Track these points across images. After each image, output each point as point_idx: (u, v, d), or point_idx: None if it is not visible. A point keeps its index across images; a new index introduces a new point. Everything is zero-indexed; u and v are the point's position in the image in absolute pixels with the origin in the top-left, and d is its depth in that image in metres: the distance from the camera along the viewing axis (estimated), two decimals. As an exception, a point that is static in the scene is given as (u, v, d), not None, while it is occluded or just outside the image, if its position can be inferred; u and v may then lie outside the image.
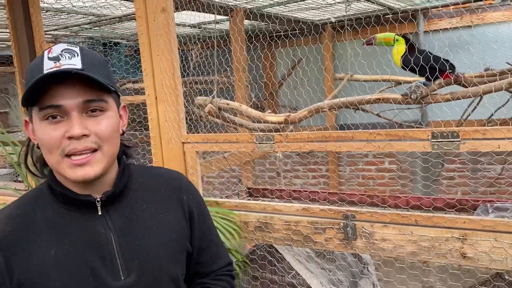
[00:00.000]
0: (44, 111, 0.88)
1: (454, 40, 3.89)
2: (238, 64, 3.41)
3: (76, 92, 0.89)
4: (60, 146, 0.89)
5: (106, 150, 0.93)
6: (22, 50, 2.47)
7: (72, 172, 0.90)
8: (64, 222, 0.94)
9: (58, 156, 0.89)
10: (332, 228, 1.57)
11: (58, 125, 0.89)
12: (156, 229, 1.01)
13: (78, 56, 0.90)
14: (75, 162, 0.89)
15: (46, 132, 0.89)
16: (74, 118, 0.88)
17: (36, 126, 0.91)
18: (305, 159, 4.96)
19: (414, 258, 1.46)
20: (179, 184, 1.10)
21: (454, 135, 1.37)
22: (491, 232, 1.33)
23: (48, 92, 0.87)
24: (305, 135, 1.65)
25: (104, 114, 0.93)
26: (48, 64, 0.88)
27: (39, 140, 0.91)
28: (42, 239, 0.92)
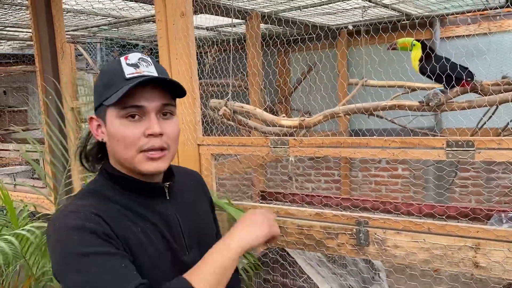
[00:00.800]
0: (127, 110, 0.99)
1: (470, 47, 3.87)
2: (254, 68, 3.44)
3: (156, 95, 1.01)
4: (138, 143, 1.00)
5: (172, 150, 1.06)
6: (44, 50, 2.53)
7: (146, 165, 1.01)
8: (136, 207, 1.05)
9: (133, 152, 1.00)
10: (345, 233, 1.58)
11: (137, 124, 1.00)
12: (200, 213, 1.18)
13: (152, 65, 1.04)
14: (151, 156, 1.01)
15: (126, 129, 0.99)
16: (153, 118, 1.00)
17: (112, 123, 1.01)
18: (317, 164, 4.96)
19: (426, 266, 1.47)
20: (200, 179, 1.30)
21: (469, 144, 1.37)
22: (505, 242, 1.32)
23: (132, 93, 0.98)
24: (319, 140, 1.67)
25: (172, 118, 1.06)
26: (129, 70, 1.00)
27: (115, 136, 1.01)
28: (127, 220, 1.01)
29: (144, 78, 0.98)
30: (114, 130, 1.01)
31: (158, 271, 1.02)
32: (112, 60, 1.05)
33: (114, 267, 0.89)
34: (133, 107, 0.99)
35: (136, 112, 1.00)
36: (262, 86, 3.69)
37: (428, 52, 1.79)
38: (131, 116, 0.99)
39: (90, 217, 0.95)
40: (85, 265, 0.88)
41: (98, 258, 0.89)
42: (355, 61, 4.53)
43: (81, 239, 0.91)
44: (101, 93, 1.02)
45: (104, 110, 1.02)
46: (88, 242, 0.91)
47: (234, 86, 3.92)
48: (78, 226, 0.92)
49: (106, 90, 1.00)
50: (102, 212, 0.98)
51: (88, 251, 0.90)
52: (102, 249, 0.91)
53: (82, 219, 0.94)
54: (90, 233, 0.92)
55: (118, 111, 0.99)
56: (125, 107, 0.99)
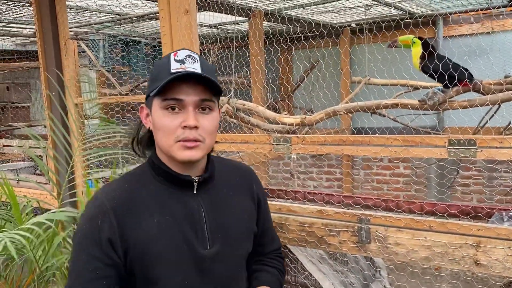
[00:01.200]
0: (168, 101, 1.08)
1: (473, 46, 3.86)
2: (256, 65, 3.44)
3: (196, 91, 1.08)
4: (175, 133, 1.08)
5: (207, 143, 1.12)
6: (47, 46, 2.53)
7: (181, 153, 1.09)
8: (164, 196, 1.13)
9: (171, 141, 1.08)
10: (347, 231, 1.59)
11: (176, 116, 1.08)
12: (234, 210, 1.21)
13: (198, 62, 1.11)
14: (186, 145, 1.08)
15: (166, 119, 1.08)
16: (190, 112, 1.08)
17: (155, 113, 1.11)
18: (319, 161, 4.96)
19: (428, 263, 1.47)
20: (250, 174, 1.33)
21: (471, 143, 1.37)
22: (506, 241, 1.33)
23: (174, 87, 1.07)
24: (321, 138, 1.68)
25: (211, 113, 1.12)
26: (175, 65, 1.08)
27: (157, 125, 1.10)
28: (148, 209, 1.10)
29: (183, 73, 1.06)
30: (156, 119, 1.10)
31: (170, 262, 1.08)
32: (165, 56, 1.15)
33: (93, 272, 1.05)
34: (173, 99, 1.07)
35: (176, 104, 1.08)
36: (264, 84, 3.69)
37: (431, 50, 1.80)
38: (171, 107, 1.08)
39: (105, 212, 1.07)
40: (79, 255, 1.07)
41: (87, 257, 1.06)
42: (358, 59, 4.53)
43: (86, 232, 1.08)
44: (150, 84, 1.14)
45: (151, 101, 1.12)
46: (89, 238, 1.07)
47: (237, 83, 3.93)
48: (92, 218, 1.08)
49: (154, 82, 1.10)
50: (122, 203, 1.09)
51: (84, 247, 1.07)
52: (93, 251, 1.06)
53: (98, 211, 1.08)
54: (95, 230, 1.06)
55: (160, 102, 1.09)
56: (166, 99, 1.07)
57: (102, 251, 1.05)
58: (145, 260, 1.07)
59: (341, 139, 1.63)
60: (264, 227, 1.33)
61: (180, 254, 1.09)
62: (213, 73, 1.15)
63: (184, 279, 1.09)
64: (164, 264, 1.08)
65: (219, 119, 1.19)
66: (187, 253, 1.10)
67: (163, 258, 1.08)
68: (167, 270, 1.08)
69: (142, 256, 1.07)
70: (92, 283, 1.05)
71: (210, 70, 1.13)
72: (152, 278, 1.08)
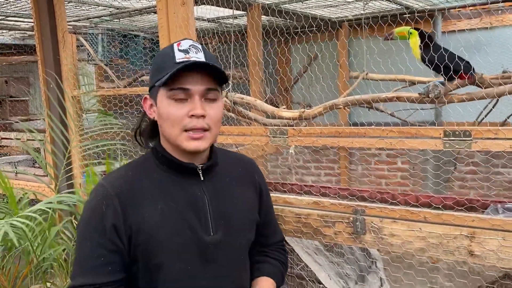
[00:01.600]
0: (174, 91, 1.08)
1: (472, 41, 3.86)
2: (254, 58, 3.44)
3: (201, 80, 1.09)
4: (182, 122, 1.09)
5: (213, 132, 1.14)
6: (45, 39, 2.53)
7: (188, 144, 1.10)
8: (167, 184, 1.14)
9: (178, 130, 1.10)
10: (342, 222, 1.59)
11: (183, 105, 1.09)
12: (237, 199, 1.23)
13: (201, 52, 1.12)
14: (193, 136, 1.10)
15: (172, 109, 1.09)
16: (197, 101, 1.09)
17: (161, 103, 1.11)
18: (317, 157, 4.97)
19: (422, 254, 1.48)
20: (252, 166, 1.35)
21: (466, 134, 1.38)
22: (500, 231, 1.34)
23: (179, 77, 1.07)
24: (318, 130, 1.68)
25: (216, 102, 1.13)
26: (179, 55, 1.09)
27: (163, 115, 1.11)
28: (151, 196, 1.12)
29: (189, 62, 1.07)
30: (162, 109, 1.10)
31: (173, 249, 1.10)
32: (167, 46, 1.16)
33: (97, 259, 1.06)
34: (180, 89, 1.08)
35: (182, 94, 1.09)
36: (263, 78, 3.69)
37: (427, 41, 1.80)
38: (179, 97, 1.09)
39: (109, 199, 1.08)
40: (83, 243, 1.09)
41: (91, 244, 1.07)
42: (356, 53, 4.53)
43: (90, 221, 1.09)
44: (154, 75, 1.13)
45: (156, 91, 1.12)
46: (93, 226, 1.08)
47: (235, 77, 3.93)
48: (95, 207, 1.09)
49: (158, 73, 1.10)
50: (126, 191, 1.10)
51: (88, 235, 1.08)
52: (97, 239, 1.07)
53: (102, 199, 1.09)
54: (99, 218, 1.07)
55: (166, 92, 1.09)
56: (173, 88, 1.08)
57: (106, 238, 1.07)
58: (148, 247, 1.08)
59: (337, 131, 1.64)
60: (266, 218, 1.34)
61: (183, 241, 1.11)
62: (217, 61, 1.15)
63: (187, 266, 1.11)
64: (167, 252, 1.09)
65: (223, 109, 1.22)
66: (190, 240, 1.11)
67: (166, 245, 1.09)
68: (170, 257, 1.10)
69: (145, 243, 1.08)
70: (96, 270, 1.06)
71: (214, 59, 1.14)
72: (155, 265, 1.09)
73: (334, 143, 1.65)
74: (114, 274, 1.07)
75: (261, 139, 1.86)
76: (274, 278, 1.30)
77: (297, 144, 1.75)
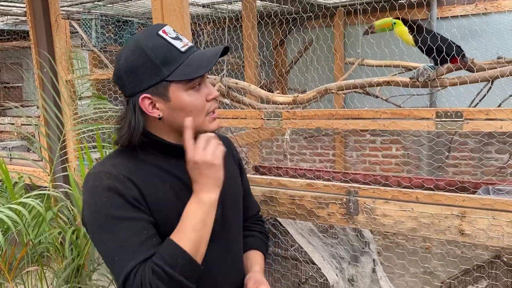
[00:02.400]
0: (194, 81, 1.06)
1: (467, 28, 3.87)
2: (249, 41, 3.43)
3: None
4: (205, 107, 1.10)
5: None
6: (38, 22, 2.51)
7: (212, 125, 1.12)
8: (166, 166, 1.12)
9: (203, 116, 1.10)
10: (335, 203, 1.61)
11: (199, 91, 1.09)
12: (229, 174, 1.20)
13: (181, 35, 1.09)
14: (214, 116, 1.12)
15: (195, 98, 1.08)
16: (209, 84, 1.11)
17: (179, 96, 1.06)
18: (312, 143, 4.99)
19: (414, 234, 1.51)
20: (228, 142, 1.36)
21: (458, 115, 1.39)
22: (490, 211, 1.36)
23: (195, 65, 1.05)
24: (312, 112, 1.69)
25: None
26: (178, 43, 1.06)
27: (186, 107, 1.07)
28: (158, 177, 1.10)
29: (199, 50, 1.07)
30: (183, 102, 1.07)
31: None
32: (146, 36, 1.06)
33: (140, 233, 1.00)
34: (200, 77, 1.07)
35: (200, 81, 1.08)
36: (259, 64, 3.68)
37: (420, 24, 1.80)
38: (197, 85, 1.08)
39: (120, 179, 1.03)
40: (115, 228, 1.00)
41: (126, 223, 1.00)
42: (351, 38, 4.52)
43: (112, 202, 1.01)
44: (159, 70, 1.04)
45: (165, 86, 1.06)
46: (118, 205, 1.01)
47: (230, 63, 3.91)
48: (110, 188, 1.02)
49: (167, 67, 1.04)
50: (133, 173, 1.06)
51: (118, 215, 1.00)
52: (130, 214, 1.01)
53: (113, 180, 1.03)
54: (119, 195, 1.01)
55: (185, 84, 1.06)
56: (192, 79, 1.05)
57: (138, 210, 1.02)
58: (167, 225, 1.06)
59: (331, 112, 1.64)
60: (246, 191, 1.38)
61: None
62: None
63: None
64: None
65: None
66: None
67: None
68: None
69: (164, 221, 1.06)
70: (145, 246, 0.99)
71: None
72: None
73: (328, 125, 1.66)
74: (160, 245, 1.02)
75: (255, 122, 1.86)
76: (261, 250, 1.36)
77: (291, 126, 1.76)
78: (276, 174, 2.14)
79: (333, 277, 1.68)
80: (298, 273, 1.82)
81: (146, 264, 0.98)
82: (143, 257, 0.98)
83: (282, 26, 4.37)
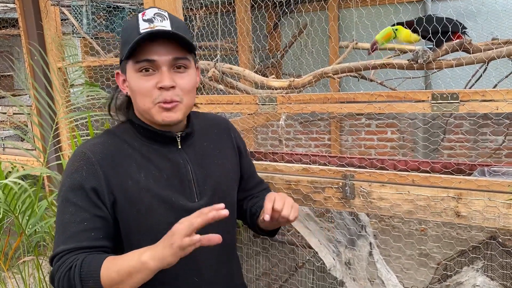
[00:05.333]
0: (140, 64, 1.05)
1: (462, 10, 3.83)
2: (243, 27, 3.39)
3: (168, 50, 1.05)
4: (152, 95, 1.06)
5: (186, 102, 1.11)
6: (27, 9, 2.46)
7: (160, 116, 1.08)
8: (149, 153, 1.12)
9: (149, 103, 1.07)
10: (331, 187, 1.61)
11: (151, 77, 1.06)
12: (218, 162, 1.22)
13: (167, 20, 1.07)
14: (164, 106, 1.07)
15: (140, 82, 1.06)
16: (164, 72, 1.05)
17: (130, 77, 1.09)
18: (307, 128, 4.98)
19: (410, 216, 1.51)
20: (227, 125, 1.33)
21: (454, 97, 1.38)
22: (486, 192, 1.36)
23: (144, 48, 1.04)
24: (307, 97, 1.68)
25: (187, 71, 1.10)
26: (143, 25, 1.04)
27: (133, 88, 1.08)
28: (134, 163, 1.10)
29: (150, 32, 1.02)
30: (132, 83, 1.08)
31: (159, 215, 1.09)
32: (132, 17, 1.14)
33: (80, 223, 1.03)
34: (145, 61, 1.05)
35: (149, 66, 1.05)
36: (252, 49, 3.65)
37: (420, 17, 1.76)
38: (145, 69, 1.06)
39: (91, 163, 1.06)
40: (64, 209, 1.05)
41: (73, 208, 1.04)
42: (346, 21, 4.48)
43: (71, 185, 1.05)
44: (121, 49, 1.10)
45: (125, 65, 1.10)
46: (74, 190, 1.05)
47: (224, 48, 3.87)
48: (76, 171, 1.06)
49: (124, 46, 1.07)
50: (108, 157, 1.08)
51: (70, 198, 1.04)
52: (79, 202, 1.04)
53: (83, 163, 1.06)
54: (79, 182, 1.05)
55: (133, 65, 1.06)
56: (138, 61, 1.05)
57: (89, 201, 1.04)
58: (133, 213, 1.07)
59: (326, 96, 1.63)
60: (249, 171, 1.37)
61: (168, 208, 1.09)
62: (185, 30, 1.11)
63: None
64: (153, 217, 1.08)
65: (197, 77, 1.18)
66: (175, 207, 1.10)
67: (151, 209, 1.08)
68: (156, 223, 1.08)
69: (130, 209, 1.07)
70: (80, 236, 1.02)
71: (181, 27, 1.10)
72: (140, 232, 1.08)
73: (323, 109, 1.65)
74: (97, 240, 1.04)
75: (250, 107, 1.84)
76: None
77: (286, 111, 1.75)
78: (272, 159, 2.13)
79: (330, 261, 1.68)
80: (295, 257, 1.82)
81: (72, 256, 1.01)
82: (73, 245, 1.01)
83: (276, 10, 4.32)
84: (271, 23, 4.74)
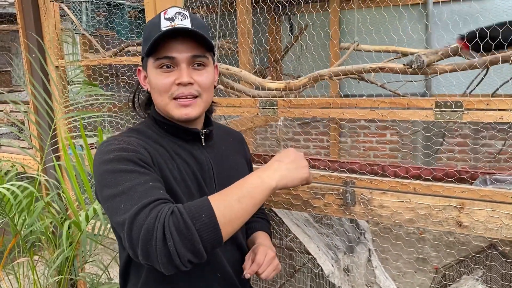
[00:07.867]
0: (160, 60, 1.09)
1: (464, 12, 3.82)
2: (244, 27, 3.36)
3: (187, 47, 1.09)
4: (170, 90, 1.09)
5: (204, 98, 1.14)
6: (26, 6, 2.43)
7: (177, 112, 1.11)
8: (176, 148, 1.15)
9: (167, 99, 1.10)
10: (332, 193, 1.59)
11: (170, 74, 1.09)
12: (236, 166, 1.27)
13: (188, 19, 1.10)
14: (181, 103, 1.10)
15: (160, 78, 1.09)
16: (183, 69, 1.08)
17: (150, 73, 1.12)
18: (306, 129, 4.96)
19: (411, 225, 1.49)
20: (241, 138, 1.41)
21: (458, 105, 1.36)
22: (488, 202, 1.34)
23: (165, 46, 1.07)
24: (308, 101, 1.65)
25: (205, 68, 1.13)
26: (165, 23, 1.08)
27: (152, 85, 1.12)
28: (168, 154, 1.12)
29: (171, 29, 1.06)
30: (152, 79, 1.12)
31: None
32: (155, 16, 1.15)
33: (147, 182, 0.96)
34: (165, 58, 1.08)
35: (169, 62, 1.09)
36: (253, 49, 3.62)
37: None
38: (166, 66, 1.09)
39: (132, 144, 1.05)
40: (119, 180, 0.96)
41: (133, 174, 0.97)
42: (348, 22, 4.45)
43: (119, 158, 1.00)
44: (143, 46, 1.14)
45: (146, 62, 1.13)
46: (126, 160, 1.00)
47: (223, 48, 3.84)
48: (120, 148, 1.03)
49: (146, 43, 1.11)
50: (146, 146, 1.09)
51: (125, 168, 0.98)
52: (137, 168, 0.98)
53: (124, 143, 1.05)
54: (129, 152, 1.01)
55: (153, 61, 1.10)
56: (159, 58, 1.09)
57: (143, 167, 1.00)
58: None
59: (328, 101, 1.61)
60: None
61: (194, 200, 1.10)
62: (205, 28, 1.14)
63: None
64: None
65: (216, 76, 1.21)
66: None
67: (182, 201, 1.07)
68: None
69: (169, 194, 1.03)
70: (153, 192, 0.94)
71: (201, 26, 1.12)
72: None
73: (324, 115, 1.62)
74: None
75: (250, 110, 1.82)
76: (265, 231, 1.40)
77: (287, 115, 1.73)
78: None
79: (329, 267, 1.67)
80: (293, 263, 1.81)
81: (164, 204, 0.91)
82: (154, 198, 0.92)
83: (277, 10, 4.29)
84: (272, 25, 4.72)
